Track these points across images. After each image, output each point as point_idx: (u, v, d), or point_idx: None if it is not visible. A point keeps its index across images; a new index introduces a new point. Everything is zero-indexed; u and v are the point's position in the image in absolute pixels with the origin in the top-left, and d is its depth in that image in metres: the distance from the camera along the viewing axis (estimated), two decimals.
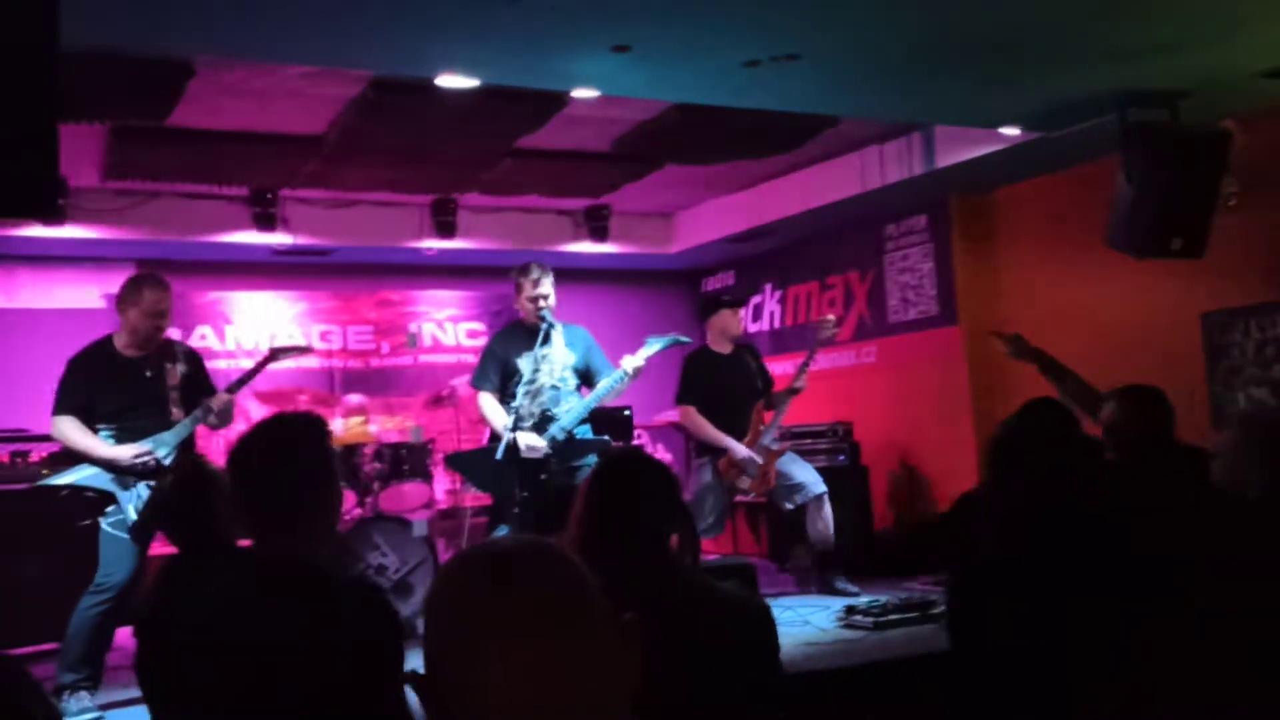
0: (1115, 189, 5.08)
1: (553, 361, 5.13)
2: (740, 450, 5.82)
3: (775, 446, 5.90)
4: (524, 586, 1.02)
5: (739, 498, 6.14)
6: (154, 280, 4.55)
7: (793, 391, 6.02)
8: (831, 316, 6.62)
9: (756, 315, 8.72)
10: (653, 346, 5.14)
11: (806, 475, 5.92)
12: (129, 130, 5.61)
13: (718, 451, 5.86)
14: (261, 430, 2.26)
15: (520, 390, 5.03)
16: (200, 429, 4.68)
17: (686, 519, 2.37)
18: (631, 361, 5.02)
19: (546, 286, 5.16)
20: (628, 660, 1.04)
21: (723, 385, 5.96)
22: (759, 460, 5.83)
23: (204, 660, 2.03)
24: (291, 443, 2.21)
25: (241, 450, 2.22)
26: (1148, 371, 6.03)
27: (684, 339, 5.46)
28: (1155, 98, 4.94)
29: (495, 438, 5.07)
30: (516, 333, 5.29)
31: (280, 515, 2.15)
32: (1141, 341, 6.11)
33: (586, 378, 5.24)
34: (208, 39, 3.99)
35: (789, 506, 5.96)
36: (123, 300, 4.52)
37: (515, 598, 1.01)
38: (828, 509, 5.86)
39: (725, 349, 6.10)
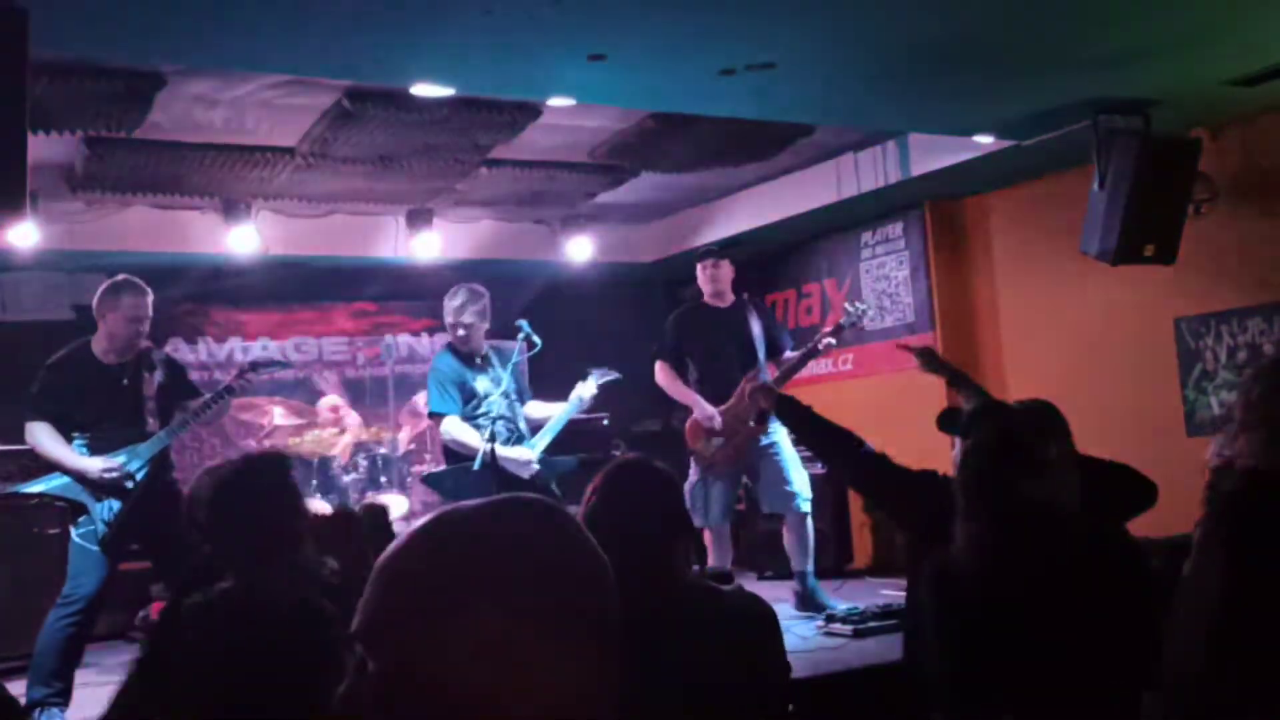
0: (1089, 196, 5.12)
1: (500, 380, 5.08)
2: (703, 408, 5.40)
3: (754, 423, 5.35)
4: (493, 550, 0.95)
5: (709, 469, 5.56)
6: (133, 285, 4.50)
7: (807, 356, 5.50)
8: (863, 304, 5.92)
9: None
10: (596, 378, 5.17)
11: (798, 485, 5.48)
12: (99, 140, 5.56)
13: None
14: (224, 475, 2.32)
15: (493, 407, 4.97)
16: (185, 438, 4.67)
17: (689, 525, 2.37)
18: (586, 388, 5.09)
19: (470, 316, 5.08)
20: (601, 651, 0.96)
21: (707, 341, 5.60)
22: (719, 423, 5.37)
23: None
24: (250, 485, 2.28)
25: (210, 493, 2.30)
26: (1121, 377, 6.11)
27: (617, 375, 5.36)
28: (1127, 106, 4.99)
29: (462, 459, 4.99)
30: (458, 355, 5.18)
31: (243, 551, 2.18)
32: (1115, 347, 6.16)
33: (519, 393, 5.24)
34: (179, 49, 3.96)
35: (765, 509, 5.71)
36: (101, 305, 4.46)
37: (481, 561, 0.94)
38: (807, 531, 5.44)
39: (717, 302, 5.77)
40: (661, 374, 5.71)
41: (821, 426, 3.17)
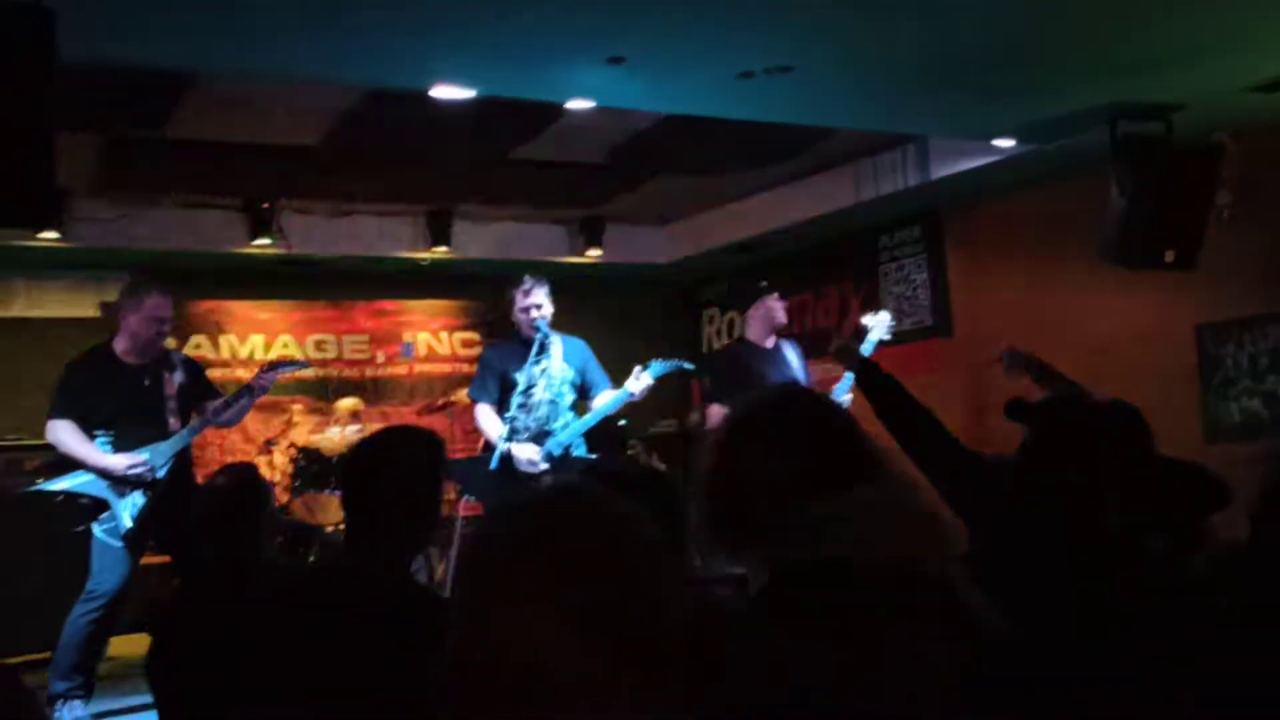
0: (1109, 201, 5.10)
1: (550, 375, 5.10)
2: None
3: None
4: (557, 536, 0.95)
5: None
6: (155, 286, 4.56)
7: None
8: (885, 314, 5.74)
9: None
10: (656, 370, 5.13)
11: None
12: (126, 141, 5.62)
13: None
14: (373, 440, 2.32)
15: (515, 403, 5.01)
16: (207, 431, 4.73)
17: (683, 533, 2.36)
18: (636, 385, 5.03)
19: (540, 297, 5.13)
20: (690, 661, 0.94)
21: (762, 382, 5.41)
22: None
23: (242, 666, 2.06)
24: (391, 456, 2.25)
25: (352, 456, 2.32)
26: (1141, 384, 6.06)
27: (688, 365, 5.38)
28: (1148, 110, 4.97)
29: (490, 448, 5.06)
30: (513, 345, 5.25)
31: (366, 522, 2.18)
32: (1135, 354, 6.12)
33: (584, 391, 5.23)
34: (204, 51, 4.00)
35: None
36: (123, 306, 4.52)
37: (548, 547, 0.94)
38: None
39: (767, 342, 5.66)
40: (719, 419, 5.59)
41: (904, 395, 3.12)
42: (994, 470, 2.79)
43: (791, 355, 5.72)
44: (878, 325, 5.61)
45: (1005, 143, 5.69)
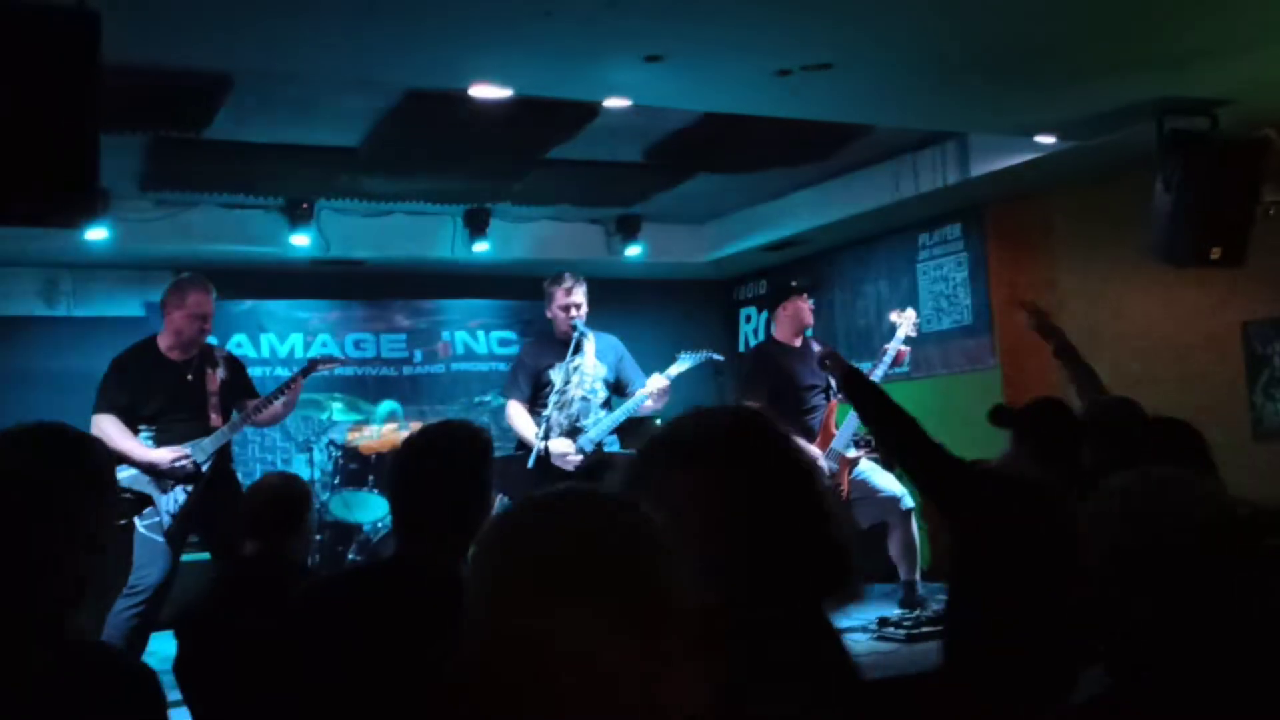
0: (1153, 198, 5.03)
1: (584, 372, 5.12)
2: (811, 450, 5.13)
3: (851, 453, 5.34)
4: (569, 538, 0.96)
5: None
6: (199, 282, 4.62)
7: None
8: (911, 311, 5.79)
9: None
10: (684, 363, 5.13)
11: (891, 486, 5.38)
12: (169, 141, 5.69)
13: None
14: (422, 435, 2.31)
15: (551, 401, 5.03)
16: (247, 429, 4.78)
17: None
18: (657, 381, 5.03)
19: (579, 295, 5.16)
20: (698, 655, 0.95)
21: (791, 381, 5.46)
22: (833, 466, 5.29)
23: (282, 665, 2.06)
24: (442, 452, 2.23)
25: (403, 450, 2.28)
26: (1187, 382, 5.99)
27: (717, 356, 5.38)
28: (1194, 105, 4.89)
29: (523, 446, 5.07)
30: (548, 343, 5.28)
31: (414, 519, 2.17)
32: (1180, 351, 6.03)
33: (618, 388, 5.23)
34: (244, 52, 4.04)
35: (865, 524, 5.52)
36: (167, 302, 4.58)
37: (560, 548, 0.95)
38: (913, 529, 5.28)
39: (795, 342, 5.68)
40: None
41: (888, 403, 3.13)
42: (981, 478, 2.78)
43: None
44: (905, 322, 5.59)
45: (1047, 139, 5.62)
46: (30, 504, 1.52)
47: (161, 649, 4.98)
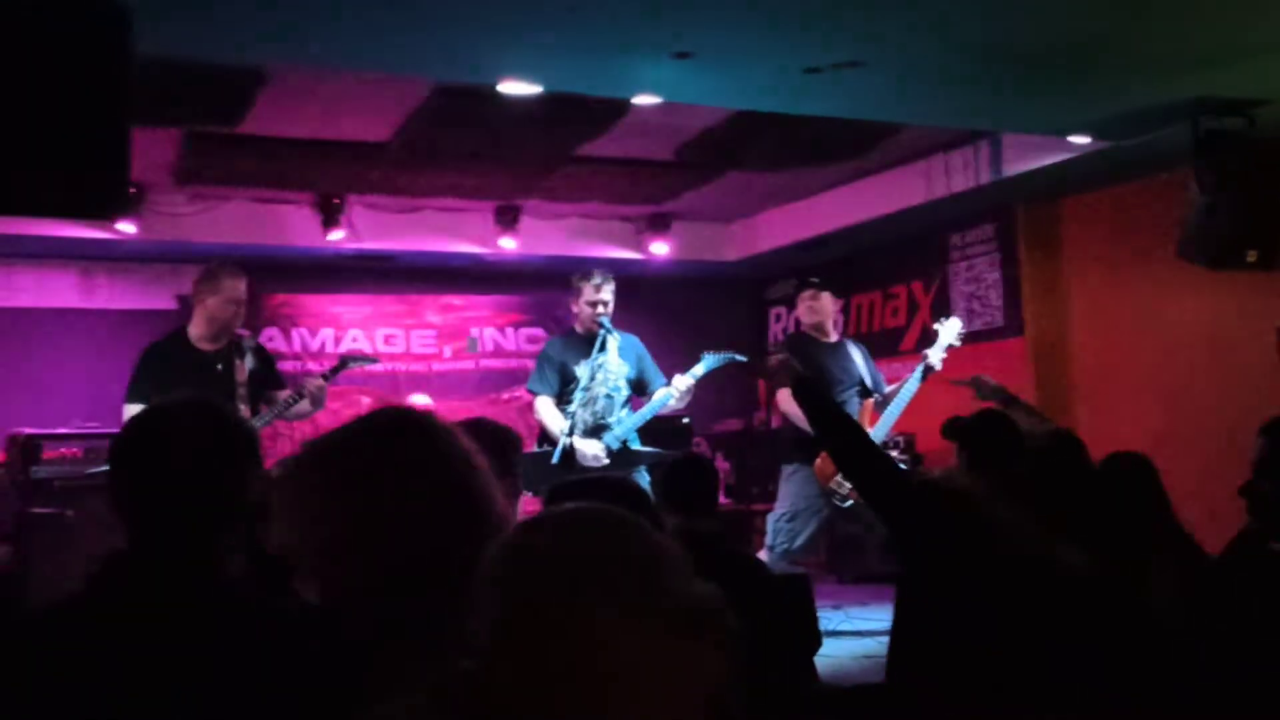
0: (1188, 199, 4.96)
1: (608, 370, 5.13)
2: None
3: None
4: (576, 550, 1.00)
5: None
6: (231, 268, 4.66)
7: (926, 373, 5.32)
8: (956, 320, 5.68)
9: None
10: (707, 364, 5.12)
11: None
12: (202, 135, 5.75)
13: (810, 454, 5.30)
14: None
15: (577, 398, 5.04)
16: (278, 422, 4.81)
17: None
18: (683, 381, 5.02)
19: (607, 293, 5.17)
20: (705, 649, 0.98)
21: (823, 374, 5.35)
22: None
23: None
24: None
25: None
26: (1221, 385, 5.91)
27: (740, 357, 5.35)
28: (1231, 106, 4.82)
29: (548, 442, 5.08)
30: (573, 339, 5.29)
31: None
32: (1214, 354, 5.95)
33: (639, 387, 5.24)
34: (277, 48, 4.08)
35: None
36: (200, 290, 4.62)
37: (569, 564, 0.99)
38: None
39: (827, 337, 5.67)
40: (793, 404, 5.37)
41: (837, 412, 3.14)
42: (917, 486, 2.78)
43: (855, 353, 5.68)
44: (947, 330, 5.56)
45: (1081, 140, 5.56)
46: (227, 449, 1.64)
47: None
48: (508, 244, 7.50)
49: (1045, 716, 1.95)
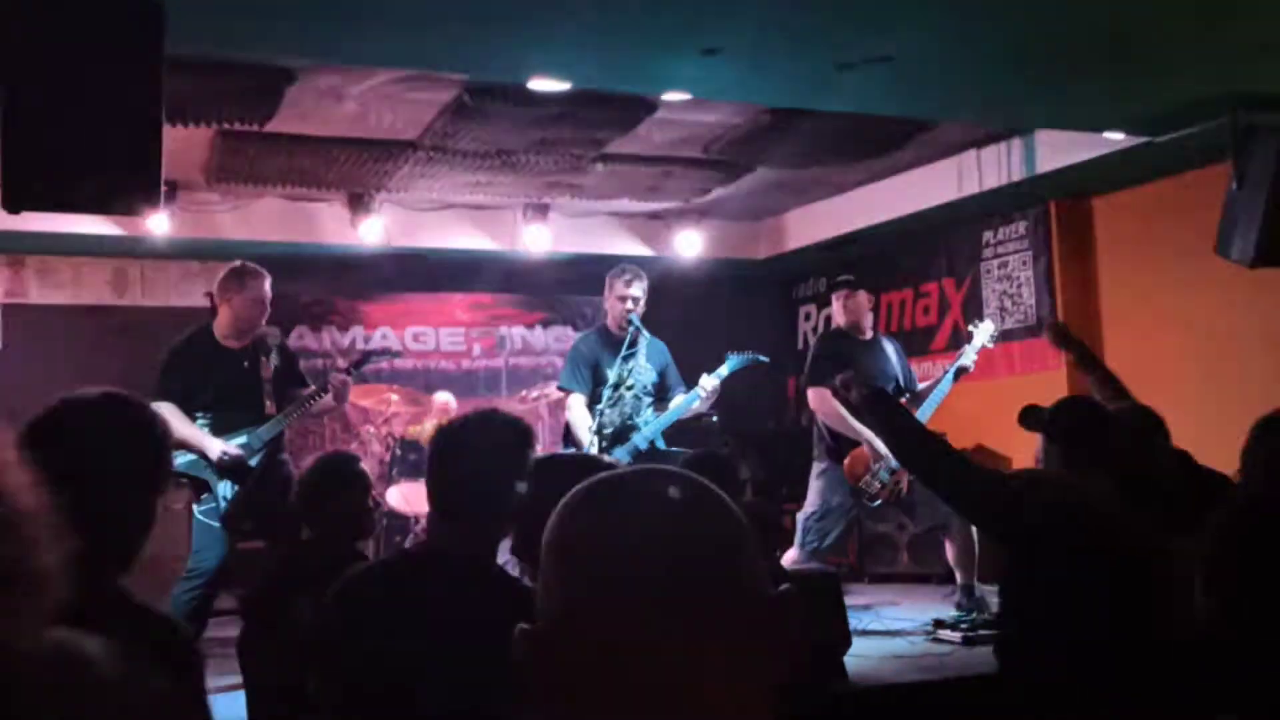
0: (1225, 196, 4.89)
1: (638, 370, 5.12)
2: (880, 442, 4.90)
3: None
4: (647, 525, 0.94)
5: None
6: (255, 269, 4.72)
7: (958, 372, 5.31)
8: (989, 322, 5.71)
9: None
10: (731, 365, 5.11)
11: None
12: (233, 133, 5.78)
13: (840, 453, 5.25)
14: (458, 423, 2.32)
15: (606, 398, 5.03)
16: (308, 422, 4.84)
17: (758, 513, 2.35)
18: (709, 381, 5.01)
19: (639, 290, 5.16)
20: (774, 641, 0.94)
21: (858, 371, 5.41)
22: (895, 464, 5.11)
23: (331, 649, 2.08)
24: (476, 439, 2.25)
25: (437, 438, 2.32)
26: (1256, 383, 5.81)
27: (762, 359, 5.32)
28: (1270, 100, 4.74)
29: (572, 442, 5.07)
30: (603, 338, 5.28)
31: (450, 507, 2.18)
32: (1250, 353, 5.86)
33: (660, 392, 5.23)
34: (307, 46, 4.09)
35: (920, 528, 5.45)
36: (225, 289, 4.66)
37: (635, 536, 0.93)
38: (972, 532, 4.99)
39: (863, 335, 5.61)
40: (825, 402, 5.23)
41: (915, 426, 3.07)
42: (1020, 493, 2.67)
43: (890, 350, 5.65)
44: (981, 332, 5.54)
45: (1116, 135, 5.48)
46: (106, 456, 1.66)
47: (220, 633, 5.07)
48: (536, 242, 7.50)
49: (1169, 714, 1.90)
